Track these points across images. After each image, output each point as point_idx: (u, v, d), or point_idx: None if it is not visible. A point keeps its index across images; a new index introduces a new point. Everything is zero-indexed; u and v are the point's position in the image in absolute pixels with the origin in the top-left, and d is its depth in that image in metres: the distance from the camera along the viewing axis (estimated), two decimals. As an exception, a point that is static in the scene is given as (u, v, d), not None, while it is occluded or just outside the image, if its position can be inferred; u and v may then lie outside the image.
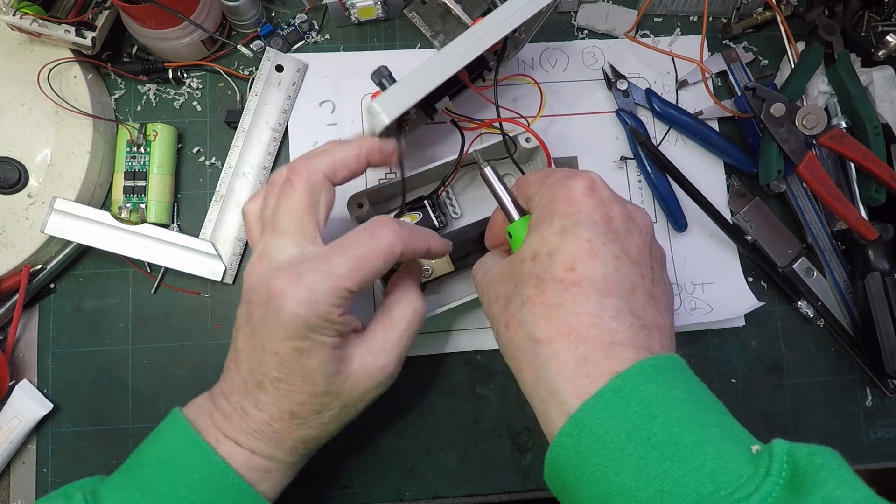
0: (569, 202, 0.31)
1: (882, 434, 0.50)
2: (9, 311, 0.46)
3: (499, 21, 0.38)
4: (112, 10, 0.47)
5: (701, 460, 0.26)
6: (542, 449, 0.48)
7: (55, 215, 0.45)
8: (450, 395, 0.48)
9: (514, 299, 0.32)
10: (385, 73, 0.39)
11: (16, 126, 0.46)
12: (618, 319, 0.29)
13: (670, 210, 0.50)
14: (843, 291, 0.50)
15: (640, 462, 0.26)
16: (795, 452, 0.26)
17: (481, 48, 0.37)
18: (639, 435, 0.26)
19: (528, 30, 0.46)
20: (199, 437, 0.34)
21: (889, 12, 0.53)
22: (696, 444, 0.26)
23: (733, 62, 0.52)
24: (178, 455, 0.34)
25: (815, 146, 0.48)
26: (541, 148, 0.44)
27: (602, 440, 0.27)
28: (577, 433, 0.27)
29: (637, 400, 0.27)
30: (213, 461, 0.33)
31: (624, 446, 0.26)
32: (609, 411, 0.27)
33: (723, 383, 0.50)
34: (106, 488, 0.34)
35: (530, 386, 0.31)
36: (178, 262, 0.47)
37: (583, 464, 0.27)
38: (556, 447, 0.29)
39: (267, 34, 0.50)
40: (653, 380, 0.27)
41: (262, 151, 0.49)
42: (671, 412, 0.27)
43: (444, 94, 0.43)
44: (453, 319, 0.48)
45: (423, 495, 0.47)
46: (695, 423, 0.27)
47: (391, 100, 0.36)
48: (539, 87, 0.47)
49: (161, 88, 0.50)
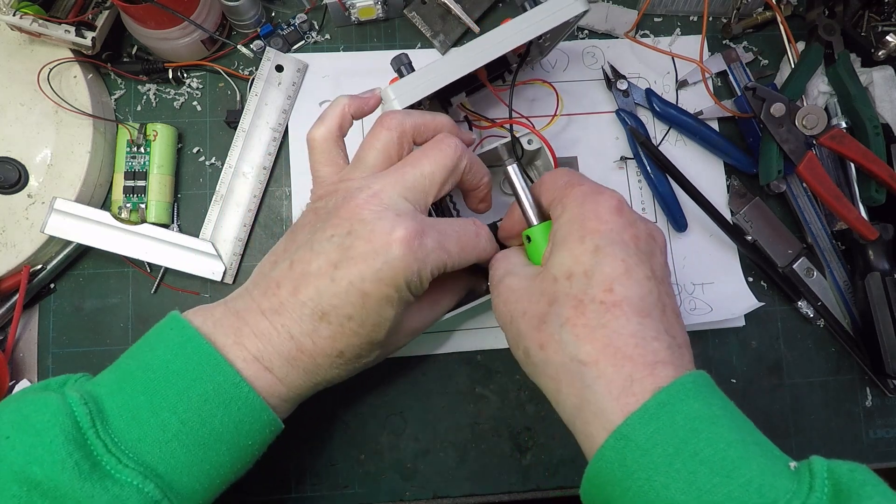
0: (598, 220, 0.32)
1: (882, 434, 0.50)
2: (9, 311, 0.46)
3: (524, 26, 0.38)
4: (112, 10, 0.47)
5: (748, 476, 0.26)
6: (542, 449, 0.48)
7: (55, 215, 0.45)
8: (450, 395, 0.48)
9: (549, 319, 0.31)
10: (405, 61, 0.40)
11: (16, 126, 0.46)
12: (658, 340, 0.30)
13: (670, 210, 0.50)
14: (843, 291, 0.50)
15: (690, 477, 0.26)
16: (835, 469, 0.27)
17: (503, 50, 0.38)
18: (686, 450, 0.27)
19: (554, 38, 0.47)
20: (217, 352, 0.32)
21: (889, 12, 0.53)
22: (741, 459, 0.27)
23: (733, 62, 0.52)
24: (193, 367, 0.31)
25: (815, 146, 0.48)
26: (544, 149, 0.45)
27: (649, 454, 0.27)
28: (623, 447, 0.28)
29: (681, 415, 0.28)
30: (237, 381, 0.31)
31: (672, 461, 0.27)
32: (655, 426, 0.27)
33: (723, 383, 0.50)
34: (103, 388, 0.32)
35: (573, 407, 0.31)
36: (178, 262, 0.47)
37: (629, 478, 0.28)
38: (599, 460, 0.29)
39: (267, 34, 0.50)
40: (693, 396, 0.28)
41: (262, 151, 0.49)
42: (714, 428, 0.28)
43: (462, 90, 0.44)
44: (453, 319, 0.48)
45: (423, 495, 0.47)
46: (736, 440, 0.27)
47: (407, 87, 0.37)
48: (556, 92, 0.48)
49: (161, 88, 0.50)
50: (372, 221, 0.32)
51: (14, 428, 0.30)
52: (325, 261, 0.33)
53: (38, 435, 0.29)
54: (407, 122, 0.36)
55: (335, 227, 0.33)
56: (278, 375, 0.33)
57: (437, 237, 0.33)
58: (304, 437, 0.46)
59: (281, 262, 0.35)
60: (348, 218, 0.33)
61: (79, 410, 0.30)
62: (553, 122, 0.47)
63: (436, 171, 0.35)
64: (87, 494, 0.28)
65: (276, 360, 0.33)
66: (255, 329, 0.33)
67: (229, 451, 0.32)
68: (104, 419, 0.30)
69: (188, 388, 0.31)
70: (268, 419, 0.33)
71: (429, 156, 0.35)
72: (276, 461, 0.46)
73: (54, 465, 0.28)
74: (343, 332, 0.33)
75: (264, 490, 0.46)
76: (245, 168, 0.49)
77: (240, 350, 0.33)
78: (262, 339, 0.33)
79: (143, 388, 0.31)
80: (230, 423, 0.32)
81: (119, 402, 0.31)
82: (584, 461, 0.48)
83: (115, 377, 0.33)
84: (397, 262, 0.31)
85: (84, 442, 0.29)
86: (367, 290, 0.32)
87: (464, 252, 0.35)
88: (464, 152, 0.36)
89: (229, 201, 0.48)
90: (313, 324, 0.33)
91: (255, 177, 0.49)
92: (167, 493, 0.30)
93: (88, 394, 0.31)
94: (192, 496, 0.31)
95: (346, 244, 0.32)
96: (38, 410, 0.30)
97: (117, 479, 0.29)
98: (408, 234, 0.32)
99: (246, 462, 0.34)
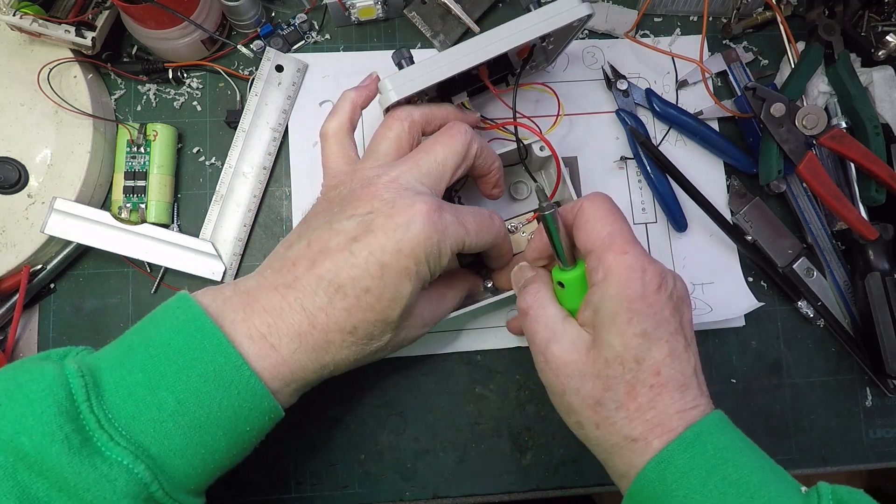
0: (644, 301, 0.33)
1: (882, 434, 0.50)
2: (9, 311, 0.46)
3: (525, 26, 0.39)
4: (112, 10, 0.47)
5: (767, 496, 0.31)
6: (542, 449, 0.48)
7: (55, 215, 0.45)
8: (450, 395, 0.48)
9: (605, 402, 0.34)
10: (405, 55, 0.40)
11: (16, 126, 0.46)
12: (694, 399, 0.34)
13: (670, 210, 0.50)
14: (843, 291, 0.50)
15: (721, 497, 0.31)
16: (838, 491, 0.32)
17: (502, 48, 0.38)
18: (717, 473, 0.31)
19: (558, 43, 0.46)
20: (220, 332, 0.31)
21: (889, 12, 0.53)
22: (762, 483, 0.31)
23: (733, 62, 0.52)
24: (195, 346, 0.31)
25: (815, 146, 0.48)
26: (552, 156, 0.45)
27: (687, 476, 0.31)
28: (663, 469, 0.32)
29: (711, 445, 0.32)
30: (238, 363, 0.31)
31: (706, 482, 0.31)
32: (691, 452, 0.32)
33: (723, 383, 0.50)
34: (102, 362, 0.31)
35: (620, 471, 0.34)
36: (178, 262, 0.47)
37: (669, 495, 0.31)
38: (641, 478, 0.32)
39: (267, 34, 0.50)
40: (720, 430, 0.33)
41: (262, 151, 0.49)
42: (739, 456, 0.32)
43: (463, 89, 0.44)
44: (454, 320, 0.48)
45: (423, 495, 0.47)
46: (756, 467, 0.32)
47: (404, 79, 0.38)
48: (558, 98, 0.48)
49: (161, 88, 0.50)
50: (392, 199, 0.33)
51: (6, 396, 0.29)
52: (344, 237, 0.33)
53: (29, 404, 0.28)
54: (416, 113, 0.38)
55: (355, 208, 0.34)
56: (284, 354, 0.32)
57: (455, 213, 0.35)
58: (304, 437, 0.46)
59: (296, 243, 0.35)
60: (369, 199, 0.34)
61: (74, 382, 0.29)
62: (556, 125, 0.48)
63: (448, 156, 0.36)
64: (75, 471, 0.27)
65: (284, 336, 0.32)
66: (265, 304, 0.33)
67: (226, 435, 0.31)
68: (99, 393, 0.30)
69: (188, 367, 0.30)
70: (268, 405, 0.32)
71: (441, 142, 0.37)
72: (276, 461, 0.46)
73: (43, 436, 0.27)
74: (359, 305, 0.33)
75: (264, 490, 0.46)
76: (245, 168, 0.49)
77: (246, 327, 0.32)
78: (273, 313, 0.32)
79: (142, 364, 0.30)
80: (228, 406, 0.31)
81: (116, 377, 0.30)
82: (584, 461, 0.48)
83: (116, 352, 0.32)
84: (419, 233, 0.32)
85: (77, 415, 0.28)
86: (386, 262, 0.32)
87: (481, 231, 0.36)
88: (473, 137, 0.38)
89: (229, 201, 0.48)
90: (328, 296, 0.33)
91: (255, 177, 0.49)
92: (157, 475, 0.29)
93: (87, 366, 0.30)
94: (183, 480, 0.30)
95: (367, 220, 0.33)
96: (33, 379, 0.29)
97: (107, 457, 0.28)
98: (428, 208, 0.33)
99: (243, 449, 0.33)
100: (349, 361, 0.35)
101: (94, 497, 0.27)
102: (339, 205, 0.35)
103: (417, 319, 0.37)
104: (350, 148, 0.39)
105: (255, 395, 0.31)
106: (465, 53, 0.38)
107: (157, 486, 0.29)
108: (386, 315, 0.34)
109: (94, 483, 0.27)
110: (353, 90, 0.40)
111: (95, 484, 0.27)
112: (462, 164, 0.37)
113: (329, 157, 0.39)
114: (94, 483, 0.27)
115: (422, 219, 0.33)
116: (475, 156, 0.38)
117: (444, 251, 0.34)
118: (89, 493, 0.27)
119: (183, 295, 0.33)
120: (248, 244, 0.49)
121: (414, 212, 0.33)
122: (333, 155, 0.39)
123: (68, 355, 0.33)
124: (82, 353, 0.33)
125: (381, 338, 0.35)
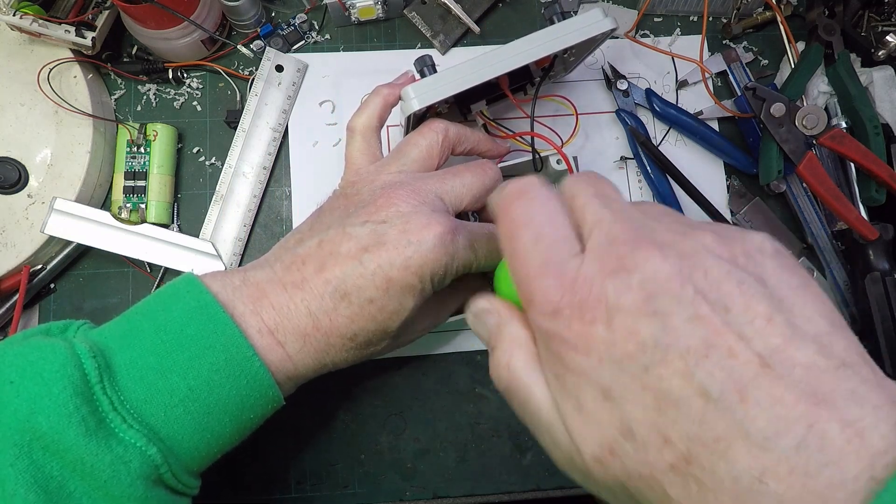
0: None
1: (882, 434, 0.50)
2: (9, 311, 0.46)
3: (550, 38, 0.39)
4: (112, 10, 0.47)
5: None
6: (541, 449, 0.47)
7: (55, 215, 0.45)
8: (450, 395, 0.48)
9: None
10: (428, 63, 0.40)
11: (16, 126, 0.46)
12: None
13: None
14: (843, 291, 0.50)
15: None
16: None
17: (526, 60, 0.38)
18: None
19: (579, 54, 0.46)
20: (233, 323, 0.31)
21: (889, 12, 0.53)
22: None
23: (733, 62, 0.52)
24: (209, 334, 0.31)
25: (815, 146, 0.48)
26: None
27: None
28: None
29: None
30: (249, 355, 0.31)
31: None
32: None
33: (723, 383, 0.50)
34: (111, 342, 0.31)
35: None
36: (178, 262, 0.47)
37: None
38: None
39: (267, 34, 0.50)
40: None
41: (262, 151, 0.49)
42: None
43: (483, 98, 0.44)
44: (454, 321, 0.48)
45: (423, 495, 0.47)
46: None
47: (426, 88, 0.38)
48: (575, 110, 0.48)
49: (161, 88, 0.50)
50: (408, 213, 0.33)
51: (19, 374, 0.28)
52: (355, 245, 0.33)
53: (45, 384, 0.28)
54: (451, 130, 0.39)
55: (371, 213, 0.34)
56: (290, 351, 0.33)
57: (468, 237, 0.34)
58: (304, 437, 0.46)
59: (308, 239, 0.35)
60: (385, 207, 0.34)
61: (87, 363, 0.29)
62: (573, 137, 0.48)
63: (475, 183, 0.37)
64: (91, 452, 0.27)
65: (289, 335, 0.33)
66: (273, 301, 0.33)
67: (231, 422, 0.32)
68: (112, 375, 0.30)
69: (200, 354, 0.31)
70: (273, 395, 0.33)
71: (472, 171, 0.38)
72: (276, 461, 0.46)
73: (61, 418, 0.27)
74: (361, 315, 0.33)
75: (264, 490, 0.46)
76: (245, 168, 0.49)
77: (256, 320, 0.32)
78: (280, 312, 0.33)
79: (153, 348, 0.31)
80: (236, 395, 0.31)
81: (127, 360, 0.30)
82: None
83: (123, 332, 0.32)
84: (428, 253, 0.32)
85: (91, 396, 0.28)
86: (392, 277, 0.32)
87: (490, 256, 0.36)
88: (500, 179, 0.39)
89: (229, 201, 0.48)
90: (334, 302, 0.33)
91: (255, 177, 0.49)
92: (167, 457, 0.29)
93: (96, 346, 0.30)
94: (188, 463, 0.31)
95: (380, 231, 0.33)
96: (45, 358, 0.29)
97: (121, 439, 0.28)
98: (443, 230, 0.33)
99: (243, 433, 0.33)
100: (346, 362, 0.36)
101: (108, 478, 0.28)
102: (356, 205, 0.35)
103: (417, 326, 0.38)
104: (376, 146, 0.39)
105: (263, 386, 0.32)
106: (489, 64, 0.38)
107: (167, 468, 0.29)
108: (386, 326, 0.34)
109: (109, 464, 0.28)
110: (386, 86, 0.40)
111: (111, 465, 0.28)
112: (483, 196, 0.38)
113: (353, 153, 0.39)
114: (109, 464, 0.28)
115: (433, 240, 0.33)
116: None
117: (451, 273, 0.34)
118: (105, 473, 0.28)
119: (190, 278, 0.33)
120: (248, 244, 0.49)
121: (428, 232, 0.33)
122: (358, 151, 0.39)
123: (69, 329, 0.33)
124: (83, 329, 0.33)
125: (378, 344, 0.35)
